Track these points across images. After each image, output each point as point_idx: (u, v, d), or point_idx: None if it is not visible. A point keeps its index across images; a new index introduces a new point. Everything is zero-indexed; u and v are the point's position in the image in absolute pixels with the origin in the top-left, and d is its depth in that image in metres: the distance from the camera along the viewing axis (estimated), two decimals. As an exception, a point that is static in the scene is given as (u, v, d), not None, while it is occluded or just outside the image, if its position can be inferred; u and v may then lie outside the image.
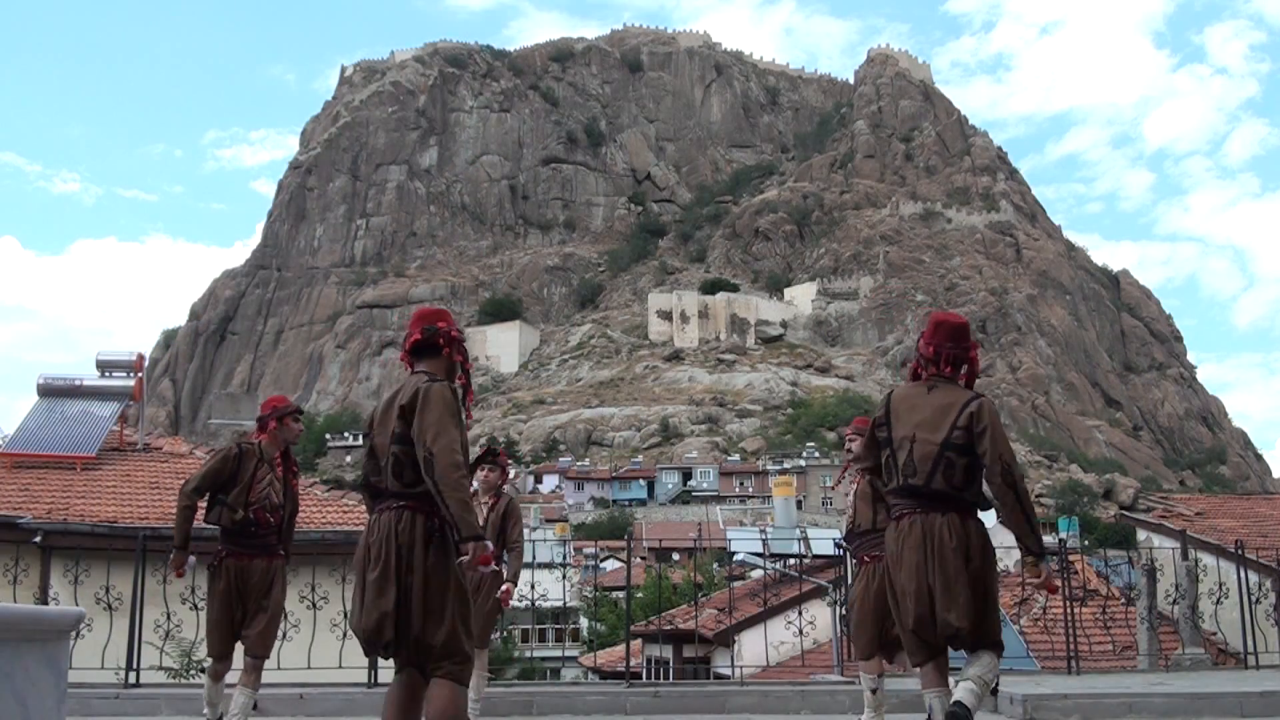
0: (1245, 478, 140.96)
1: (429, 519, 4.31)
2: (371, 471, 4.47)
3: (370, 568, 4.30)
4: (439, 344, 4.56)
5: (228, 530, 6.26)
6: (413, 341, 4.57)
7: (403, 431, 4.33)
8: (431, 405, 4.30)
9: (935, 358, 4.88)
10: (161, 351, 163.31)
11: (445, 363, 4.57)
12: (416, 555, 4.25)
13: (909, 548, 4.71)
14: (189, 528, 6.15)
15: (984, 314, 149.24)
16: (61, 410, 14.62)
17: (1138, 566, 12.56)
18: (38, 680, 3.55)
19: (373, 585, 4.26)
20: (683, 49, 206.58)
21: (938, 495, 4.74)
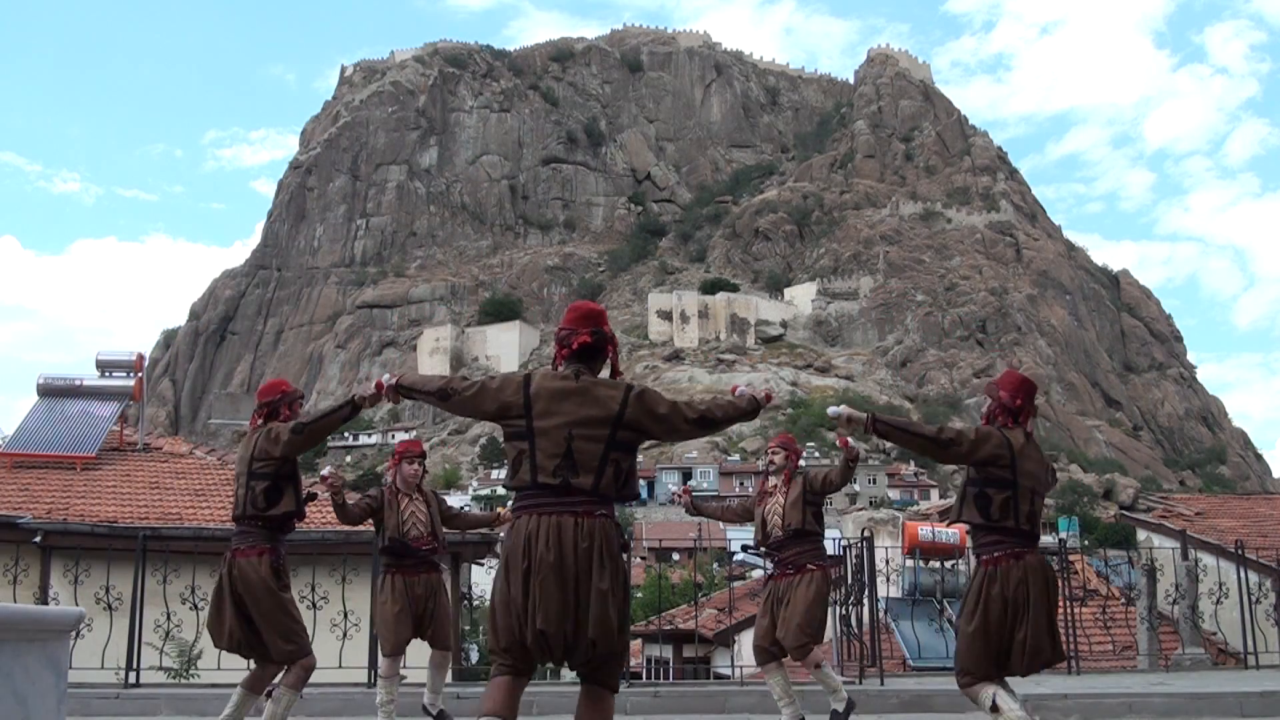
0: (1245, 478, 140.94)
1: (619, 529, 4.22)
2: (569, 473, 4.12)
3: (598, 578, 4.07)
4: (606, 348, 4.39)
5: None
6: (581, 343, 4.33)
7: (625, 439, 4.20)
8: (654, 402, 4.27)
9: (1018, 411, 5.38)
10: (161, 351, 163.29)
11: (609, 367, 4.41)
12: (609, 565, 4.11)
13: (1034, 583, 5.16)
14: None
15: (984, 314, 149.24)
16: (61, 410, 14.62)
17: (1138, 566, 12.56)
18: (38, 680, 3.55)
19: (603, 596, 4.07)
20: (683, 49, 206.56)
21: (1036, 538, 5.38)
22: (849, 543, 11.00)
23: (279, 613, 5.68)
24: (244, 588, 5.66)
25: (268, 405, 5.95)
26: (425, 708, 7.12)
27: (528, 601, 4.04)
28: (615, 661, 4.22)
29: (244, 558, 5.69)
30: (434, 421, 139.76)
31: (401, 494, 7.06)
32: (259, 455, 5.77)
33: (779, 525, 7.10)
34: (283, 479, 5.77)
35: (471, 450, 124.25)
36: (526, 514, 4.16)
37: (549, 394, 4.21)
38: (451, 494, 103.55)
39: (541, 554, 4.04)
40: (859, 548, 10.34)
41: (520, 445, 4.20)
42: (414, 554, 6.97)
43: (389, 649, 6.94)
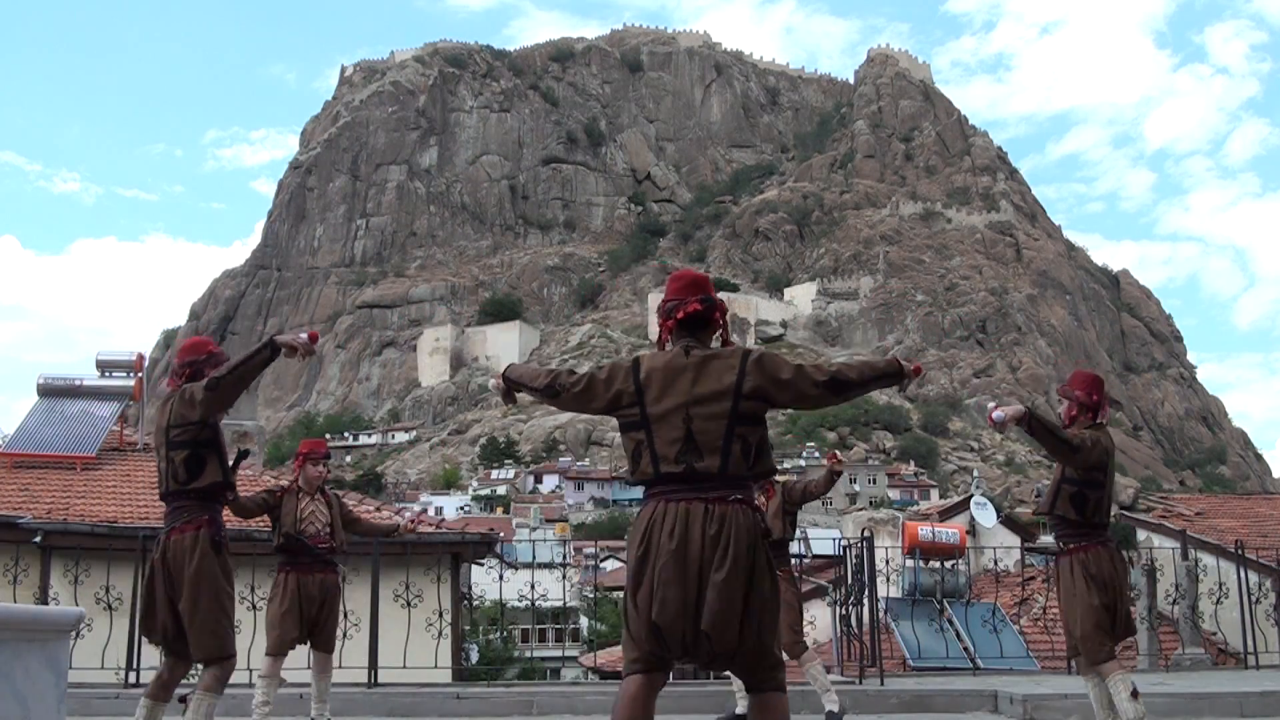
0: (1245, 478, 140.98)
1: (758, 515, 3.88)
2: (693, 457, 3.84)
3: (716, 567, 3.73)
4: (715, 316, 4.09)
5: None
6: (691, 311, 4.04)
7: (750, 410, 3.87)
8: (777, 367, 3.92)
9: (1097, 407, 5.94)
10: (161, 351, 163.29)
11: (719, 336, 4.11)
12: (760, 557, 3.80)
13: (1119, 566, 5.90)
14: None
15: (984, 314, 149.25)
16: (61, 410, 14.62)
17: (1138, 566, 12.56)
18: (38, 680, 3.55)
19: (720, 586, 3.72)
20: (683, 49, 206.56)
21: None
22: (849, 543, 10.99)
23: (208, 598, 5.12)
24: (176, 568, 5.16)
25: (190, 365, 5.42)
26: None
27: (651, 594, 3.76)
28: (762, 660, 3.85)
29: (178, 534, 5.21)
30: (434, 421, 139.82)
31: (302, 493, 6.91)
32: (175, 421, 5.28)
33: None
34: (203, 446, 5.24)
35: (471, 450, 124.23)
36: (653, 500, 3.89)
37: (661, 375, 3.94)
38: (451, 494, 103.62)
39: (662, 542, 3.78)
40: (859, 548, 10.33)
41: (637, 436, 3.94)
42: (310, 552, 6.79)
43: (272, 648, 6.74)
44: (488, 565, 14.15)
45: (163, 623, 5.21)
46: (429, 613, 9.43)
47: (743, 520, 3.80)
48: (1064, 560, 5.85)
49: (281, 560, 6.85)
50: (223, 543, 5.28)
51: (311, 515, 6.86)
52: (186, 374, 5.41)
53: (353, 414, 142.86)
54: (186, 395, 5.25)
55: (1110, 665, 5.65)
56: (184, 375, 5.43)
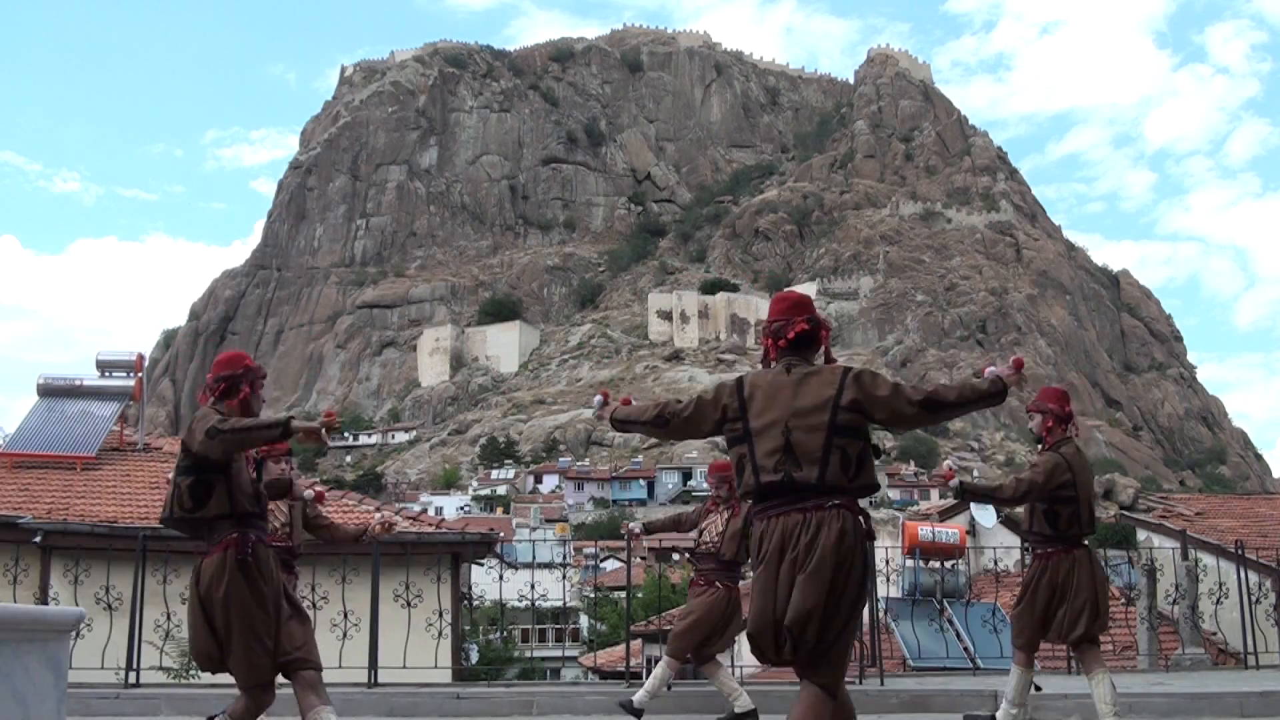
0: (1245, 478, 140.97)
1: (859, 520, 4.02)
2: (792, 467, 3.98)
3: (802, 568, 3.89)
4: (820, 335, 4.29)
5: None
6: (800, 331, 4.23)
7: (848, 422, 4.00)
8: (878, 384, 4.06)
9: (1070, 418, 6.39)
10: (161, 351, 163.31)
11: (822, 354, 4.29)
12: (853, 563, 3.94)
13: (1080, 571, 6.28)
14: None
15: (984, 314, 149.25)
16: (61, 410, 14.62)
17: (1138, 566, 12.57)
18: (38, 680, 3.55)
19: (805, 583, 3.88)
20: (683, 49, 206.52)
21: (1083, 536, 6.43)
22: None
23: (239, 625, 4.89)
24: (205, 594, 4.92)
25: (225, 380, 5.15)
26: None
27: (756, 599, 3.99)
28: (823, 656, 3.94)
29: (208, 559, 4.96)
30: (434, 421, 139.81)
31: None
32: (183, 447, 5.04)
33: (712, 544, 7.68)
34: (211, 473, 4.98)
35: (471, 450, 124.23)
36: (759, 519, 4.06)
37: (764, 391, 4.14)
38: (451, 494, 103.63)
39: (770, 552, 3.97)
40: None
41: (741, 450, 4.11)
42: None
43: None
44: (488, 565, 14.16)
45: (206, 653, 4.98)
46: (429, 613, 9.43)
47: (836, 525, 3.94)
48: (1033, 565, 6.42)
49: None
50: (250, 562, 4.93)
51: (270, 514, 6.42)
52: (221, 389, 5.15)
53: (353, 414, 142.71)
54: (193, 424, 5.00)
55: (1021, 657, 6.43)
56: (218, 391, 5.16)
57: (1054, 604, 6.20)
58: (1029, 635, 6.36)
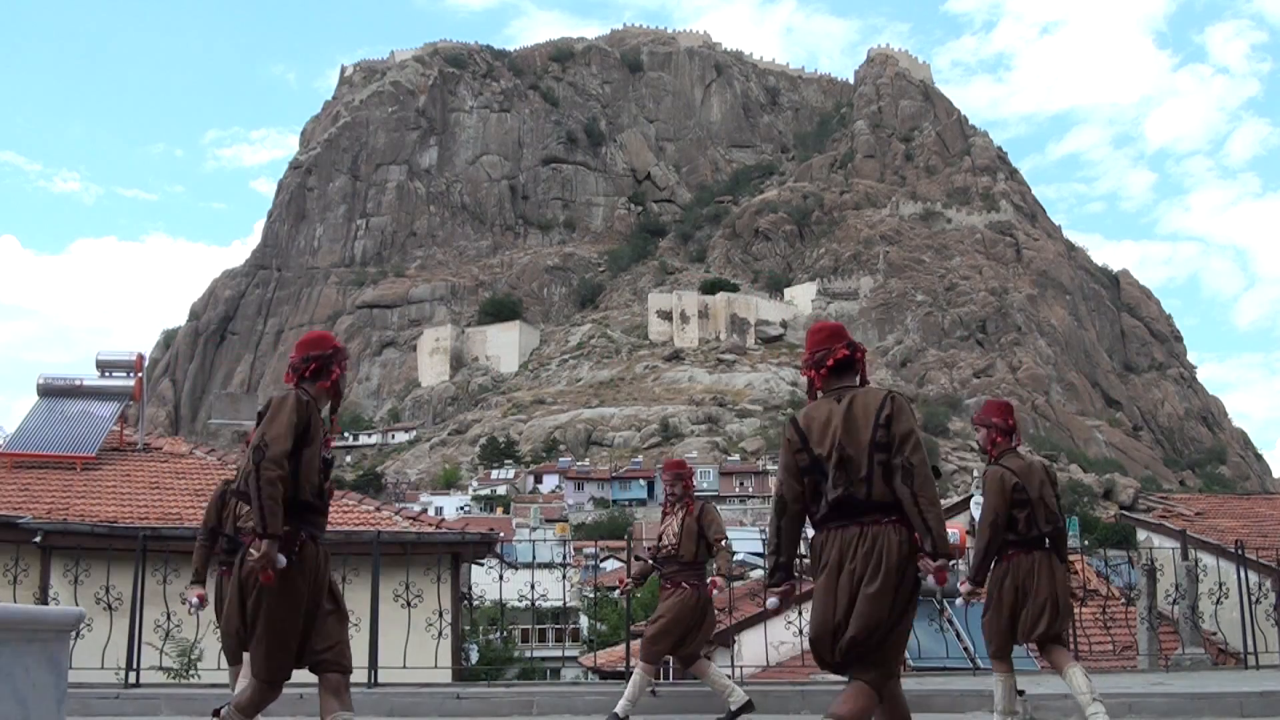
0: (1245, 478, 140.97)
1: (906, 532, 4.36)
2: (847, 485, 4.37)
3: (869, 581, 4.27)
4: (858, 361, 4.65)
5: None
6: (841, 358, 4.59)
7: (884, 439, 4.37)
8: (907, 416, 4.45)
9: (1013, 430, 6.63)
10: (161, 351, 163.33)
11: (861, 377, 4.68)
12: (908, 573, 4.33)
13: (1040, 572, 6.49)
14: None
15: (984, 314, 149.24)
16: (61, 410, 14.61)
17: (1138, 566, 12.56)
18: (38, 680, 3.55)
19: (871, 599, 4.24)
20: (683, 49, 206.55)
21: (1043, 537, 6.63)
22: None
23: (264, 619, 4.84)
24: (245, 578, 4.88)
25: (314, 361, 4.97)
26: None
27: (816, 608, 4.39)
28: (873, 653, 4.29)
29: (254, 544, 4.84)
30: (434, 421, 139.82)
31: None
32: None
33: (671, 547, 7.62)
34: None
35: (471, 450, 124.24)
36: (821, 531, 4.45)
37: (818, 421, 4.51)
38: (451, 494, 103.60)
39: (830, 563, 4.35)
40: None
41: (814, 477, 4.47)
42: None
43: (235, 657, 6.14)
44: (488, 565, 14.14)
45: (233, 631, 4.96)
46: (429, 613, 9.43)
47: (894, 538, 4.32)
48: (995, 570, 6.52)
49: (225, 562, 6.39)
50: (292, 562, 4.86)
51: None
52: (312, 370, 4.98)
53: (353, 414, 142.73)
54: (271, 408, 4.96)
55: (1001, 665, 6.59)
56: (308, 372, 4.98)
57: (1018, 605, 6.41)
58: (1000, 641, 6.52)
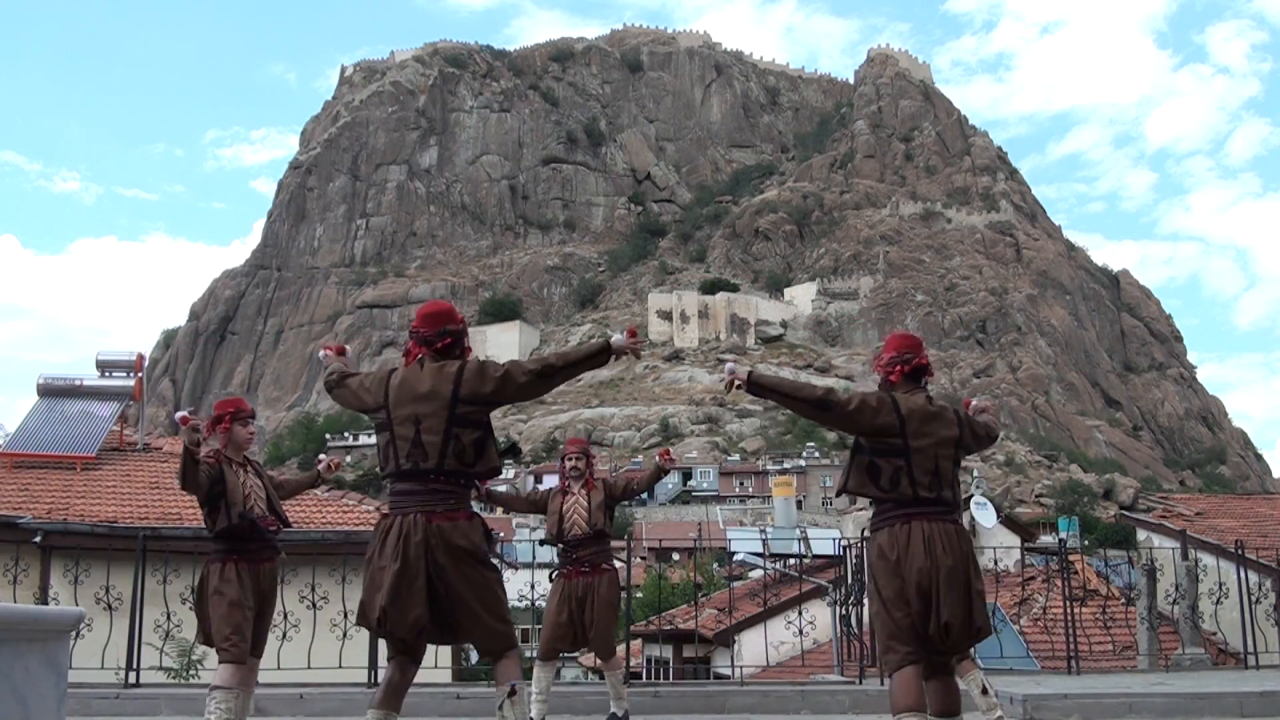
0: (1245, 478, 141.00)
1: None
2: (939, 488, 4.75)
3: (976, 576, 4.75)
4: (929, 375, 5.03)
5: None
6: (921, 364, 4.98)
7: (962, 449, 4.87)
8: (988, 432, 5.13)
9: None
10: (161, 351, 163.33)
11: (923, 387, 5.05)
12: (975, 562, 4.81)
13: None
14: None
15: (984, 314, 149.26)
16: (61, 410, 14.61)
17: (1138, 566, 12.56)
18: (38, 680, 3.55)
19: (981, 595, 4.76)
20: (683, 49, 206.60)
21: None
22: (849, 542, 10.98)
23: (488, 592, 4.59)
24: (450, 557, 4.46)
25: (451, 335, 4.68)
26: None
27: (929, 598, 4.59)
28: (972, 639, 4.84)
29: (447, 521, 4.48)
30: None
31: (234, 463, 5.84)
32: (470, 396, 4.54)
33: (581, 525, 7.11)
34: (488, 429, 4.64)
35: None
36: (901, 520, 4.69)
37: (919, 416, 4.76)
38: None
39: (940, 556, 4.61)
40: (859, 547, 10.33)
41: (897, 462, 4.70)
42: (261, 536, 5.82)
43: (239, 654, 5.63)
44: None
45: (417, 616, 4.48)
46: (429, 613, 9.41)
47: (963, 534, 4.81)
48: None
49: (225, 548, 5.77)
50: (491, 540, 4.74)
51: (254, 492, 5.86)
52: (446, 344, 4.67)
53: (353, 414, 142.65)
54: (490, 370, 4.58)
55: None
56: (445, 343, 4.67)
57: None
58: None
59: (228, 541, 5.76)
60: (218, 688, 5.58)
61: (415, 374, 4.61)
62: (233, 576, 5.72)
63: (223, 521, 5.75)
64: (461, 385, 4.52)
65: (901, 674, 4.55)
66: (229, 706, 5.54)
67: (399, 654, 4.67)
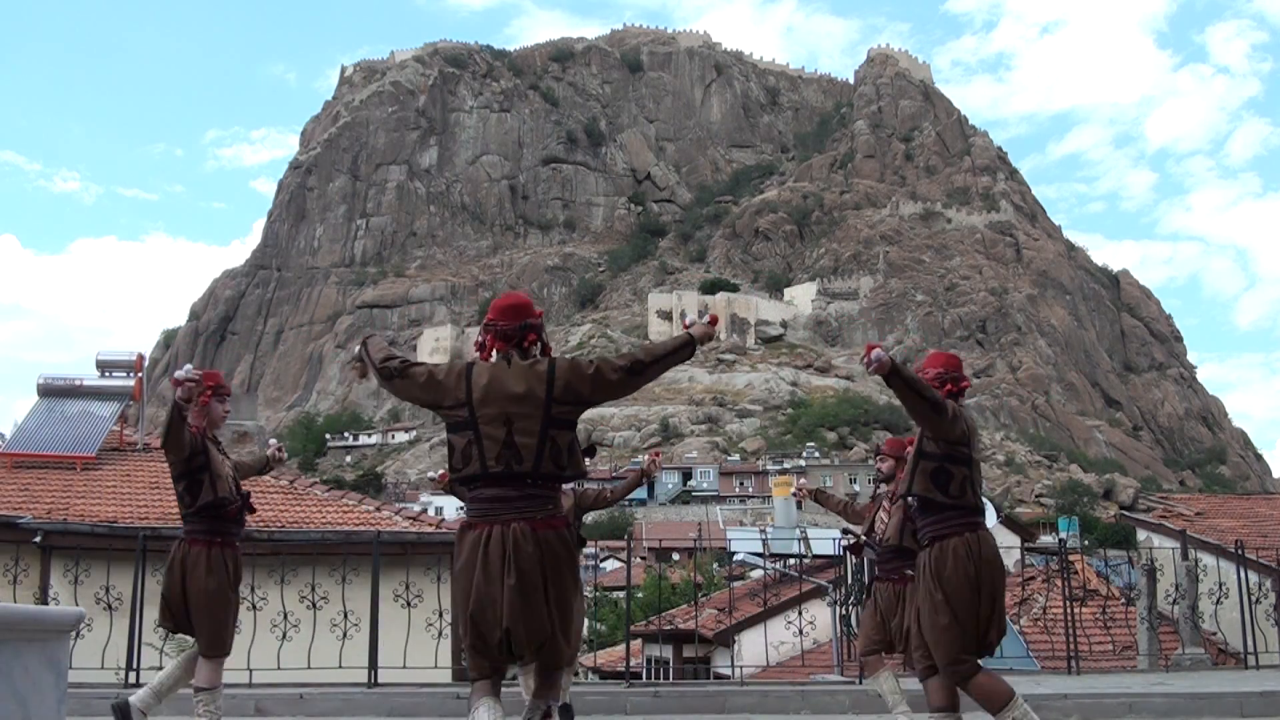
0: (1245, 478, 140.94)
1: None
2: (979, 495, 5.15)
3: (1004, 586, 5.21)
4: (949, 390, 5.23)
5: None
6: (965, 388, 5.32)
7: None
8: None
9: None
10: (161, 351, 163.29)
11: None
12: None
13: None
14: None
15: (984, 314, 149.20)
16: (61, 410, 14.61)
17: (1138, 566, 12.56)
18: (38, 680, 3.55)
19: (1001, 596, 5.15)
20: (683, 49, 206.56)
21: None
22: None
23: (570, 605, 4.24)
24: (553, 568, 4.12)
25: (534, 330, 4.37)
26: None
27: (994, 609, 4.95)
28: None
29: (551, 529, 4.15)
30: (434, 421, 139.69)
31: (209, 440, 5.53)
32: (564, 396, 4.24)
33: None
34: (574, 430, 4.40)
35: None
36: (971, 530, 5.02)
37: (973, 432, 5.14)
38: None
39: (999, 567, 5.06)
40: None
41: (964, 470, 5.02)
42: (240, 519, 5.58)
43: (226, 648, 5.40)
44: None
45: (541, 632, 4.14)
46: (429, 613, 9.43)
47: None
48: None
49: (205, 528, 5.45)
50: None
51: (230, 471, 5.57)
52: (531, 339, 4.36)
53: (352, 414, 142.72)
54: (583, 368, 4.28)
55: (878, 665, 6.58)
56: (528, 339, 4.34)
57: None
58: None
59: (209, 521, 5.44)
60: (204, 689, 5.35)
61: (503, 371, 4.28)
62: (218, 563, 5.41)
63: (207, 496, 5.42)
64: (555, 385, 4.24)
65: (982, 679, 4.86)
66: (218, 706, 5.37)
67: (490, 675, 4.22)
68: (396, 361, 4.43)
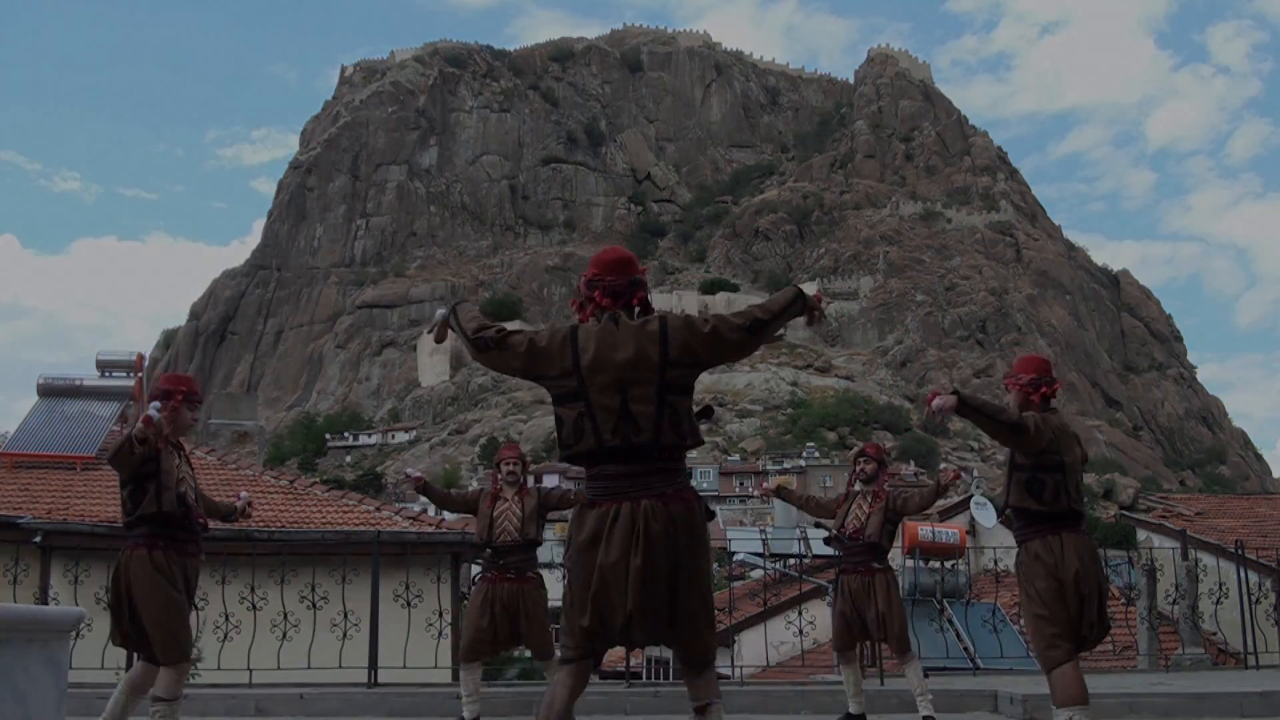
0: (1245, 478, 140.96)
1: None
2: (1075, 499, 5.32)
3: (1099, 582, 5.26)
4: (1043, 394, 5.47)
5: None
6: (1055, 390, 5.59)
7: (1083, 455, 5.56)
8: None
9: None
10: (161, 351, 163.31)
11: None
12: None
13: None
14: None
15: (984, 314, 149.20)
16: (61, 410, 14.62)
17: (1138, 566, 12.57)
18: (38, 680, 3.55)
19: (1097, 595, 5.22)
20: (683, 49, 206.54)
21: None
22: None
23: (708, 593, 3.98)
24: (688, 550, 3.81)
25: (643, 286, 4.02)
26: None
27: (1084, 604, 5.07)
28: None
29: (682, 505, 3.85)
30: (434, 421, 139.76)
31: (171, 446, 5.40)
32: (679, 358, 3.88)
33: (511, 532, 7.13)
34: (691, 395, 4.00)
35: (471, 450, 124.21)
36: (1053, 532, 5.20)
37: (1063, 435, 5.31)
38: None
39: (1088, 563, 5.14)
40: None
41: (1056, 476, 5.22)
42: (191, 528, 5.37)
43: (184, 653, 5.23)
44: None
45: (662, 619, 3.80)
46: (429, 613, 9.44)
47: (1093, 542, 5.42)
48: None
49: (141, 535, 5.25)
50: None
51: (186, 477, 5.40)
52: (640, 296, 4.01)
53: (352, 414, 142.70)
54: (699, 325, 3.92)
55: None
56: (636, 297, 3.98)
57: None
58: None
59: (153, 525, 5.22)
60: (162, 699, 5.11)
61: (610, 332, 3.88)
62: (165, 566, 5.18)
63: (150, 506, 5.20)
64: (670, 345, 3.85)
65: (1067, 670, 4.96)
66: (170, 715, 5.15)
67: (586, 657, 3.87)
68: (492, 331, 4.02)
